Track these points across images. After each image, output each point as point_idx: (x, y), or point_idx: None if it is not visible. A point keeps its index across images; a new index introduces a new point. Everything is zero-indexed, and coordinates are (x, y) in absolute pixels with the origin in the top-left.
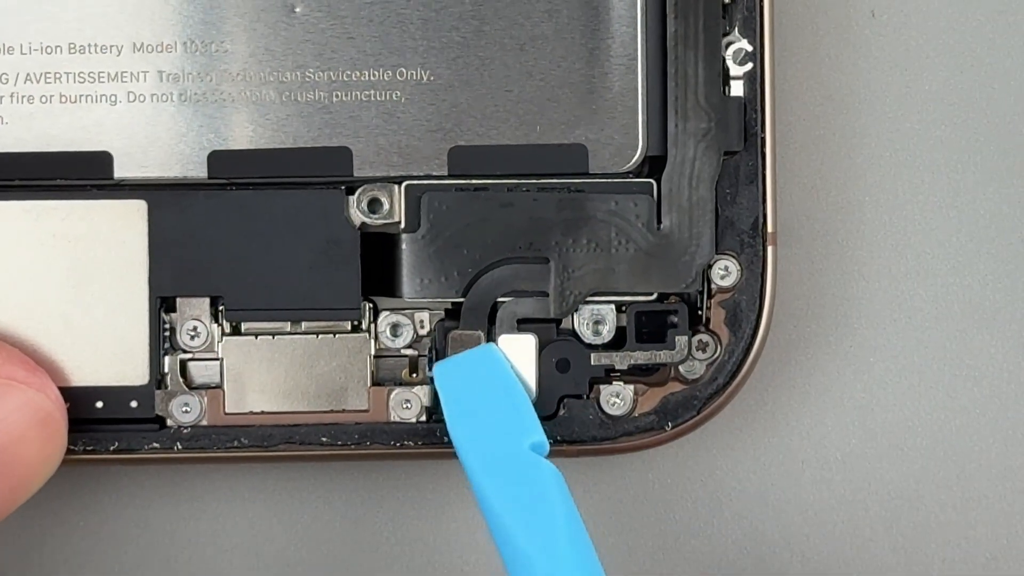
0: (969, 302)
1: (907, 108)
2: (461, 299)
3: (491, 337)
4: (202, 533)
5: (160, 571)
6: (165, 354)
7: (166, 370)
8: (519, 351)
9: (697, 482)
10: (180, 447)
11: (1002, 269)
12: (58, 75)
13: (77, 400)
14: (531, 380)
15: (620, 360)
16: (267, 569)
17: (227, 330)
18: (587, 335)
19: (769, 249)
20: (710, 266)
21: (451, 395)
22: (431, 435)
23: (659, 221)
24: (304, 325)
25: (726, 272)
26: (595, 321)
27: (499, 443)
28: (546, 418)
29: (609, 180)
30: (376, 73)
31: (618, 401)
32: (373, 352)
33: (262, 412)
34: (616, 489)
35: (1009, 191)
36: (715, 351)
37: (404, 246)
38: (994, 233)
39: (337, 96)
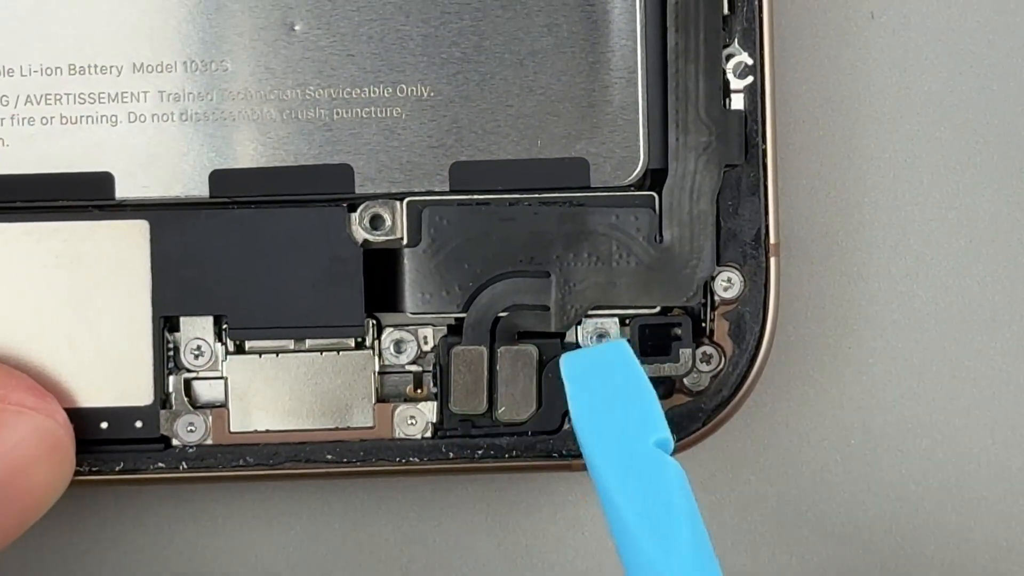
0: (970, 304)
1: (907, 110)
2: (462, 314)
3: (493, 352)
4: (208, 552)
5: None
6: (169, 374)
7: (170, 390)
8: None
9: (702, 494)
10: (185, 467)
11: (1002, 270)
12: (58, 96)
13: (82, 421)
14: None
15: None
16: None
17: (231, 349)
18: None
19: (772, 260)
20: (713, 278)
21: (578, 388)
22: (436, 451)
23: (660, 234)
24: (308, 343)
25: (729, 284)
26: (599, 335)
27: (624, 438)
28: (550, 432)
29: (610, 194)
30: (376, 90)
31: None
32: (377, 369)
33: (267, 431)
34: None
35: (1009, 192)
36: (719, 363)
37: (406, 261)
38: (994, 234)
39: (338, 113)
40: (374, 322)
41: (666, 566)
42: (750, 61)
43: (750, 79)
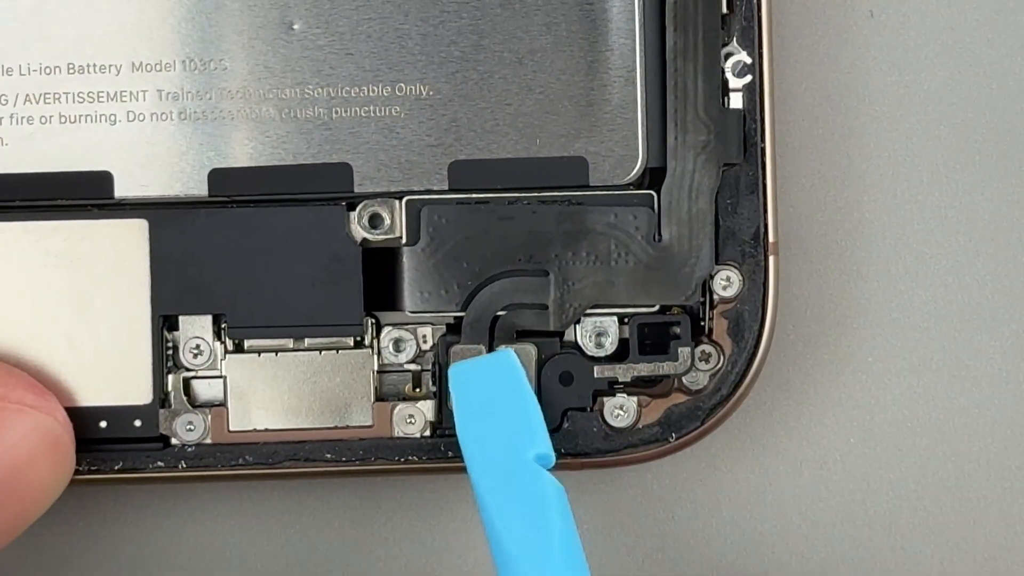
0: (970, 304)
1: (907, 109)
2: (461, 313)
3: (492, 351)
4: (207, 551)
5: None
6: (168, 373)
7: (169, 389)
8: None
9: (701, 493)
10: (184, 466)
11: (1002, 270)
12: (57, 95)
13: (81, 420)
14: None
15: (623, 372)
16: None
17: (230, 348)
18: (590, 348)
19: (771, 259)
20: (712, 276)
21: (464, 398)
22: (435, 450)
23: (659, 233)
24: (307, 342)
25: (728, 282)
26: (597, 333)
27: (504, 451)
28: (550, 431)
29: (609, 192)
30: (375, 89)
31: (622, 413)
32: (376, 368)
33: (266, 429)
34: (620, 501)
35: (1009, 192)
36: (718, 362)
37: (404, 259)
38: (994, 234)
39: (337, 112)
40: (373, 321)
41: None
42: (749, 60)
43: (749, 78)
